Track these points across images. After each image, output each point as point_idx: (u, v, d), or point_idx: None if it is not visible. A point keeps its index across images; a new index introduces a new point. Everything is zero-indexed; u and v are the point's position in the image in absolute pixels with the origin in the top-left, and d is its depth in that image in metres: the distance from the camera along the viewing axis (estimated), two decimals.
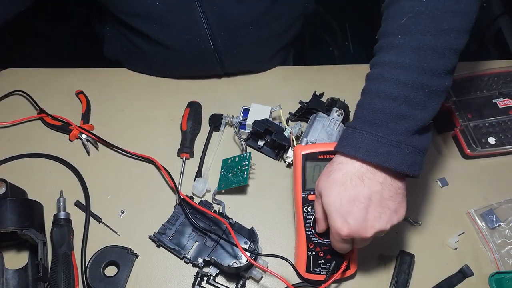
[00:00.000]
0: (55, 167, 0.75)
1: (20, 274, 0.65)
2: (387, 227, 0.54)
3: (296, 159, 0.64)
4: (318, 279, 0.65)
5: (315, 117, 0.76)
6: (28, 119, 0.80)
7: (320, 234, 0.63)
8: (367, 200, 0.53)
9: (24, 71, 0.86)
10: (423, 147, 0.54)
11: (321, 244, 0.64)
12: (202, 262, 0.65)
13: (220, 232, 0.67)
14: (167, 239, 0.68)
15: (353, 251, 0.65)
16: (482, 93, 0.86)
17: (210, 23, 0.75)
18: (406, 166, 0.53)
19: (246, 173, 0.69)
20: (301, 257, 0.65)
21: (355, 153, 0.53)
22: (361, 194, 0.53)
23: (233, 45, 0.80)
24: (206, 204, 0.71)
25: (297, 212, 0.64)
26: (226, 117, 0.80)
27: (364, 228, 0.53)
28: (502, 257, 0.71)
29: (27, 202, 0.67)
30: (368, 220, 0.53)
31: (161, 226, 0.69)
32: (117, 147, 0.77)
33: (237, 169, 0.70)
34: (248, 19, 0.78)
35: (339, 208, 0.53)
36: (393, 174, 0.54)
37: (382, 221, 0.54)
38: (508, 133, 0.81)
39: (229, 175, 0.71)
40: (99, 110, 0.82)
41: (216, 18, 0.75)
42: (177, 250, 0.67)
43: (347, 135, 0.55)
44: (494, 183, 0.79)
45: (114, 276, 0.65)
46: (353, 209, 0.52)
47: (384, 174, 0.54)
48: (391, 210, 0.54)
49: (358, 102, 0.57)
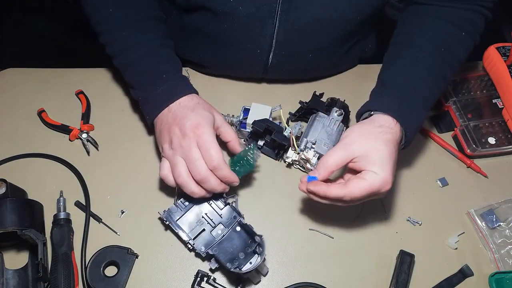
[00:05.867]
0: (55, 167, 0.75)
1: (20, 274, 0.65)
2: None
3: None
4: None
5: (315, 117, 0.76)
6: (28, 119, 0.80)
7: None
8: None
9: (24, 71, 0.86)
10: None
11: None
12: (204, 252, 0.65)
13: (230, 225, 0.67)
14: (176, 219, 0.68)
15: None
16: (482, 93, 0.86)
17: (279, 41, 0.75)
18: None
19: (253, 160, 0.69)
20: None
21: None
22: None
23: (286, 63, 0.80)
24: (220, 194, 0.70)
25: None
26: (227, 116, 0.80)
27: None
28: (502, 257, 0.71)
29: (27, 202, 0.67)
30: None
31: (172, 206, 0.68)
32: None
33: (243, 160, 0.70)
34: (315, 48, 0.78)
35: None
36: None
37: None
38: (508, 133, 0.81)
39: (236, 168, 0.70)
40: (99, 110, 0.82)
41: (287, 40, 0.75)
42: (183, 233, 0.67)
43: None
44: (494, 183, 0.79)
45: (114, 276, 0.65)
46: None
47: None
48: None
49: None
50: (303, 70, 0.84)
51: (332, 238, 0.72)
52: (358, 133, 0.62)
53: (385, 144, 0.60)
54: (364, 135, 0.61)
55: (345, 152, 0.61)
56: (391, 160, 0.60)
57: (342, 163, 0.62)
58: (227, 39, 0.77)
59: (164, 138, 0.66)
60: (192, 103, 0.67)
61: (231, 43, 0.77)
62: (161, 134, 0.66)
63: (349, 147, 0.61)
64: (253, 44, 0.77)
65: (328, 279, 0.68)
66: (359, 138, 0.61)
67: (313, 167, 0.73)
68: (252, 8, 0.70)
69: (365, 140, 0.61)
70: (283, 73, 0.84)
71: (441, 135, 0.83)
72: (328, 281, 0.68)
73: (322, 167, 0.62)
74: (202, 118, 0.64)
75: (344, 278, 0.69)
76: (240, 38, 0.76)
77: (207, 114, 0.65)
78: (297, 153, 0.74)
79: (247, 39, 0.76)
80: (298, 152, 0.74)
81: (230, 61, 0.82)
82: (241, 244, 0.66)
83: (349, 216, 0.73)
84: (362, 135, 0.62)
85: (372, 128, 0.62)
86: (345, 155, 0.61)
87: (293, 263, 0.69)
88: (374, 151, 0.60)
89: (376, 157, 0.60)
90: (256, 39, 0.75)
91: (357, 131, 0.62)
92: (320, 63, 0.83)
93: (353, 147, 0.61)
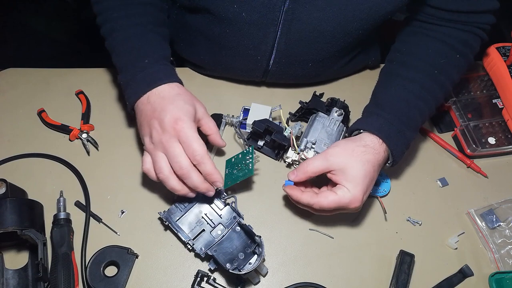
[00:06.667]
0: (55, 167, 0.75)
1: (20, 274, 0.65)
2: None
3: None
4: None
5: (315, 117, 0.76)
6: (28, 119, 0.80)
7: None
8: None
9: (24, 71, 0.86)
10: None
11: None
12: (204, 253, 0.65)
13: (230, 225, 0.67)
14: (175, 220, 0.67)
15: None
16: (482, 93, 0.86)
17: (280, 49, 0.75)
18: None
19: (251, 165, 0.68)
20: None
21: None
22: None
23: (286, 71, 0.80)
24: (220, 192, 0.70)
25: None
26: (226, 116, 0.80)
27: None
28: (502, 257, 0.71)
29: (27, 202, 0.67)
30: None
31: (171, 206, 0.68)
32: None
33: (241, 164, 0.70)
34: (315, 58, 0.78)
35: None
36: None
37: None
38: (508, 133, 0.81)
39: (234, 171, 0.70)
40: (99, 110, 0.82)
41: (288, 48, 0.75)
42: (182, 233, 0.67)
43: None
44: (494, 183, 0.79)
45: (114, 276, 0.65)
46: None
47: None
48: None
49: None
50: (302, 77, 0.84)
51: (332, 238, 0.72)
52: (342, 148, 0.65)
53: (363, 164, 0.64)
54: (347, 152, 0.64)
55: (325, 162, 0.65)
56: (365, 179, 0.63)
57: (320, 171, 0.65)
58: (228, 44, 0.77)
59: (144, 130, 0.65)
60: (172, 93, 0.65)
61: (232, 48, 0.77)
62: (141, 126, 0.65)
63: (330, 158, 0.64)
64: (254, 51, 0.77)
65: (328, 279, 0.68)
66: (341, 152, 0.64)
67: None
68: (256, 15, 0.70)
69: (346, 156, 0.64)
70: (282, 79, 0.84)
71: (441, 135, 0.83)
72: (328, 281, 0.68)
73: (301, 171, 0.66)
74: (181, 111, 0.62)
75: (344, 278, 0.69)
76: (241, 44, 0.76)
77: (187, 107, 0.63)
78: (297, 153, 0.74)
79: (248, 45, 0.76)
80: (298, 152, 0.74)
81: (229, 65, 0.82)
82: (241, 244, 0.66)
83: (349, 216, 0.73)
84: (345, 151, 0.65)
85: (356, 147, 0.65)
86: (324, 164, 0.65)
87: (293, 263, 0.69)
88: (351, 169, 0.63)
89: (351, 174, 0.63)
90: (257, 46, 0.75)
91: (342, 145, 0.66)
92: (321, 72, 0.84)
93: (333, 160, 0.64)
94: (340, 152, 0.64)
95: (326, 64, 0.81)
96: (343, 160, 0.64)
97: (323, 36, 0.73)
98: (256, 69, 0.81)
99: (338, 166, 0.64)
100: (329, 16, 0.69)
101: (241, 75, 0.84)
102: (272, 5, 0.68)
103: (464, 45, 0.74)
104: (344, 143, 0.66)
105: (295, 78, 0.84)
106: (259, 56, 0.77)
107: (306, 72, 0.81)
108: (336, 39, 0.74)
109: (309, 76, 0.84)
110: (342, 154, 0.64)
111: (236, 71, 0.83)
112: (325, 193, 0.64)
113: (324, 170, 0.65)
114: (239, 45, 0.76)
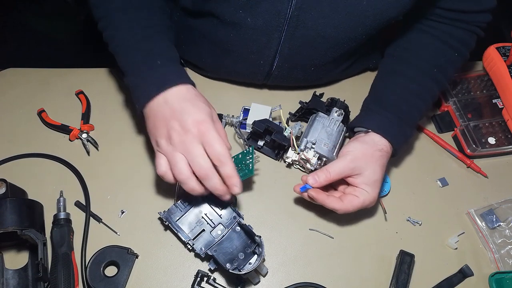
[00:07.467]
0: (55, 167, 0.75)
1: (20, 274, 0.65)
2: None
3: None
4: None
5: (315, 117, 0.76)
6: (28, 119, 0.80)
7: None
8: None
9: (24, 71, 0.86)
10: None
11: None
12: (204, 253, 0.65)
13: (230, 225, 0.67)
14: (175, 220, 0.67)
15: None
16: (482, 93, 0.86)
17: (283, 54, 0.75)
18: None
19: (252, 165, 0.68)
20: None
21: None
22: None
23: (288, 75, 0.80)
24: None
25: None
26: (226, 116, 0.80)
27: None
28: (502, 257, 0.71)
29: (27, 202, 0.67)
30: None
31: (171, 206, 0.68)
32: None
33: (241, 164, 0.70)
34: (317, 63, 0.78)
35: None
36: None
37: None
38: (508, 133, 0.81)
39: None
40: (99, 110, 0.82)
41: (291, 53, 0.75)
42: (182, 233, 0.66)
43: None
44: (494, 183, 0.79)
45: (114, 276, 0.65)
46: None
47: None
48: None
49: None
50: (304, 81, 0.84)
51: (332, 238, 0.72)
52: (363, 153, 0.68)
53: (380, 168, 0.68)
54: (367, 157, 0.68)
55: (350, 165, 0.67)
56: (380, 181, 0.69)
57: (344, 175, 0.67)
58: (231, 48, 0.77)
59: (160, 132, 0.62)
60: (189, 95, 0.63)
61: (235, 52, 0.77)
62: (156, 127, 0.63)
63: (353, 163, 0.67)
64: (257, 55, 0.76)
65: (328, 279, 0.68)
66: (363, 158, 0.67)
67: (313, 167, 0.73)
68: (261, 21, 0.70)
69: (367, 161, 0.67)
70: (283, 82, 0.84)
71: (441, 135, 0.83)
72: (328, 281, 0.68)
73: (322, 176, 0.67)
74: (203, 113, 0.61)
75: (344, 278, 0.69)
76: (244, 48, 0.76)
77: (207, 109, 0.63)
78: (297, 153, 0.74)
79: (252, 50, 0.75)
80: (298, 152, 0.74)
81: (231, 68, 0.82)
82: (241, 244, 0.66)
83: (349, 216, 0.73)
84: (366, 156, 0.68)
85: (374, 151, 0.68)
86: (349, 167, 0.67)
87: (293, 263, 0.69)
88: (373, 173, 0.67)
89: (372, 178, 0.67)
90: (261, 51, 0.75)
91: (361, 150, 0.68)
92: (322, 76, 0.84)
93: (357, 164, 0.67)
94: (362, 157, 0.67)
95: (328, 68, 0.81)
96: (366, 165, 0.67)
97: (326, 42, 0.73)
98: (258, 73, 0.80)
99: (360, 170, 0.67)
100: (334, 22, 0.69)
101: (243, 78, 0.84)
102: (278, 11, 0.68)
103: (462, 44, 0.76)
104: (361, 147, 0.69)
105: (297, 81, 0.84)
106: (261, 61, 0.77)
107: (308, 75, 0.81)
108: (340, 45, 0.74)
109: (311, 80, 0.84)
110: (364, 159, 0.67)
111: (238, 75, 0.83)
112: (349, 198, 0.66)
113: (348, 174, 0.67)
114: (242, 49, 0.76)
